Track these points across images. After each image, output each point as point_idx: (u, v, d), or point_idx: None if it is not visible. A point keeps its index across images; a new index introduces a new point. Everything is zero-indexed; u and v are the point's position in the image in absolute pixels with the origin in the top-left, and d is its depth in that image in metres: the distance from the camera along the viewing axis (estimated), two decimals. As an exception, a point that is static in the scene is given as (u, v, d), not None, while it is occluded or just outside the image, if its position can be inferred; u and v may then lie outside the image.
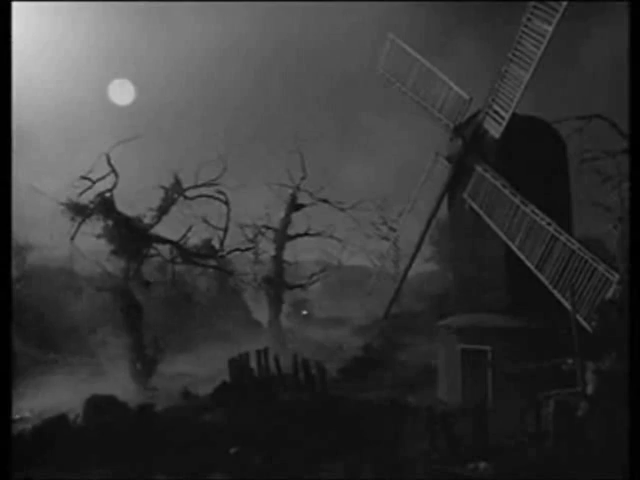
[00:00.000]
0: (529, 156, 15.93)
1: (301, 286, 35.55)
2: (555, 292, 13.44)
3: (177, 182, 25.02)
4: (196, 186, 25.74)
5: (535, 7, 14.00)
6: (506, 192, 14.90)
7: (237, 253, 29.91)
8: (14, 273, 26.06)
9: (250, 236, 34.33)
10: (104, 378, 23.04)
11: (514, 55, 14.59)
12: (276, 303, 34.85)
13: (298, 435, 11.72)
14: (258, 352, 17.40)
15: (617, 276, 12.38)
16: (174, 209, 24.97)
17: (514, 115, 15.00)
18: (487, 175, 15.58)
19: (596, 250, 13.64)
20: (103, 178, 22.99)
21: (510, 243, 14.67)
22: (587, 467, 8.76)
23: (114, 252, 23.20)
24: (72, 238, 22.54)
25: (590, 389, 10.61)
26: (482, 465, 9.88)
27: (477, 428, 10.90)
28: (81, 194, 22.65)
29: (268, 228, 34.91)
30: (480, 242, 16.29)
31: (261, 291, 34.80)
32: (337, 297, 53.03)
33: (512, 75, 14.72)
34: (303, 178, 34.53)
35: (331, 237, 35.50)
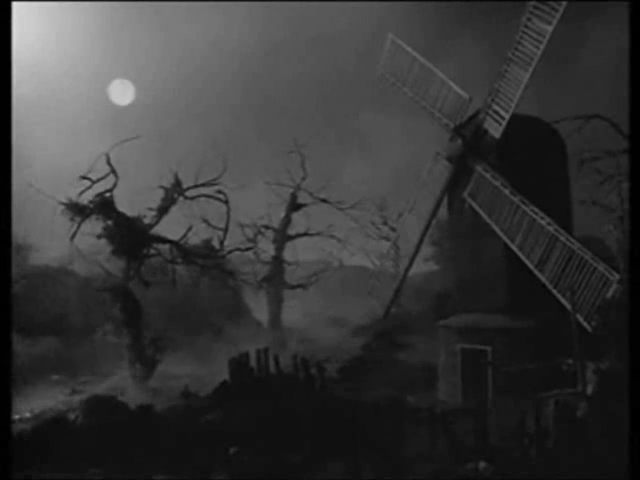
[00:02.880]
0: (529, 156, 15.95)
1: (301, 286, 35.54)
2: (555, 292, 13.45)
3: (177, 182, 24.99)
4: (196, 186, 25.68)
5: (535, 7, 14.02)
6: (506, 192, 14.90)
7: (237, 253, 29.85)
8: (14, 273, 26.03)
9: (250, 236, 34.34)
10: (104, 378, 23.04)
11: (514, 55, 14.61)
12: (276, 303, 34.87)
13: (298, 435, 11.70)
14: (258, 352, 17.38)
15: (617, 276, 12.40)
16: (174, 209, 24.95)
17: (514, 115, 15.00)
18: (487, 175, 15.58)
19: (596, 250, 13.65)
20: (103, 178, 22.96)
21: (510, 243, 14.67)
22: (587, 467, 8.75)
23: (114, 252, 23.17)
24: (72, 238, 22.49)
25: (590, 389, 10.61)
26: (482, 465, 9.88)
27: (477, 428, 10.89)
28: (81, 194, 22.61)
29: (268, 228, 34.92)
30: (480, 242, 16.30)
31: (261, 291, 34.81)
32: (337, 297, 53.01)
33: (512, 75, 14.74)
34: (303, 178, 34.59)
35: (331, 237, 35.53)
